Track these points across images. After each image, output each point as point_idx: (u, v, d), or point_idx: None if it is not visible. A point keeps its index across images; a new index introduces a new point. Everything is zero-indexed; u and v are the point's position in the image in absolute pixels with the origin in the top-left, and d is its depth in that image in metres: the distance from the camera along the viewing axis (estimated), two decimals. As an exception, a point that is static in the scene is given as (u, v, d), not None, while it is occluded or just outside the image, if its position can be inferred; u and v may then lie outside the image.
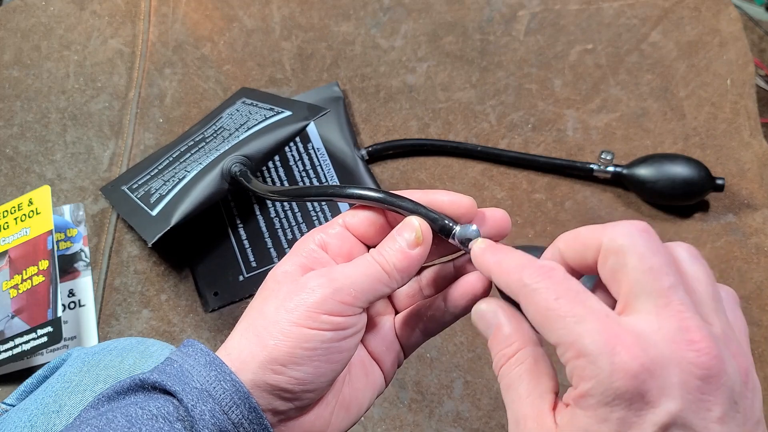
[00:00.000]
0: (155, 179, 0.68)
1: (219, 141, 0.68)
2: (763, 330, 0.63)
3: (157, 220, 0.63)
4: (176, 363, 0.36)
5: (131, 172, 0.72)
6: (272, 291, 0.36)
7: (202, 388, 0.34)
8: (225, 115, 0.72)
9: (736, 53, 0.75)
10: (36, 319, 0.62)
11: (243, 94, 0.75)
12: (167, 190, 0.65)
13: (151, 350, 0.50)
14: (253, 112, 0.70)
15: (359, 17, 0.80)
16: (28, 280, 0.64)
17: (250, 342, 0.35)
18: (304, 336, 0.34)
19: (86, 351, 0.51)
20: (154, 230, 0.62)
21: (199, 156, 0.67)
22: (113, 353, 0.50)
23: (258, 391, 0.35)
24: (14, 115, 0.77)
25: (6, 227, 0.68)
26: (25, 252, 0.66)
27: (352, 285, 0.35)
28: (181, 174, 0.66)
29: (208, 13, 0.81)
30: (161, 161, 0.71)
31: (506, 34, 0.79)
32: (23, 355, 0.61)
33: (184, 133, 0.75)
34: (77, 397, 0.47)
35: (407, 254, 0.36)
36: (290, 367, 0.35)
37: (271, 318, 0.35)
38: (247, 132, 0.66)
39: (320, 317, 0.35)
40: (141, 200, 0.67)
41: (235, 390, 0.34)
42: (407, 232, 0.37)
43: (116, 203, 0.70)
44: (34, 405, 0.47)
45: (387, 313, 0.41)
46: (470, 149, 0.72)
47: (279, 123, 0.66)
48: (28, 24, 0.82)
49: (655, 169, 0.67)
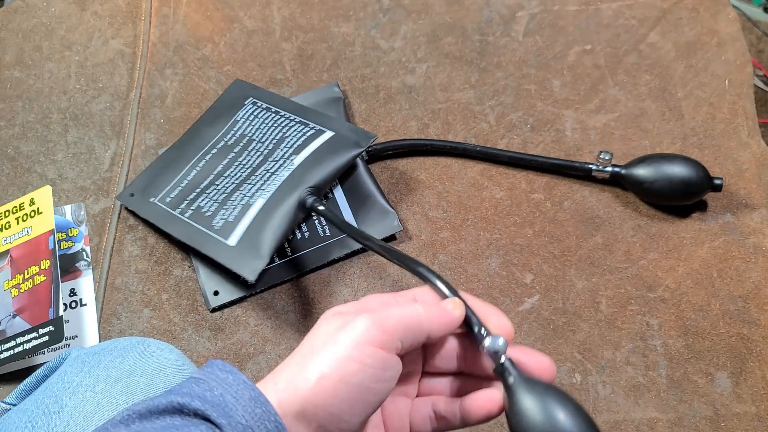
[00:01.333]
0: (202, 198, 0.68)
1: (260, 159, 0.69)
2: (761, 329, 0.64)
3: (243, 253, 0.63)
4: (216, 391, 0.36)
5: (148, 179, 0.71)
6: (319, 328, 0.39)
7: (247, 425, 0.35)
8: (241, 120, 0.73)
9: (734, 54, 0.76)
10: (37, 318, 0.63)
11: (244, 91, 0.75)
12: (233, 216, 0.65)
13: (151, 350, 0.51)
14: (284, 125, 0.71)
15: (359, 18, 0.81)
16: (29, 280, 0.65)
17: (297, 375, 0.37)
18: (350, 370, 0.36)
19: (86, 351, 0.51)
20: (250, 265, 0.62)
21: (251, 178, 0.68)
22: (113, 353, 0.50)
23: (301, 427, 0.36)
24: (16, 116, 0.77)
25: (8, 227, 0.68)
26: (27, 251, 0.66)
27: (391, 319, 0.38)
28: (239, 198, 0.66)
29: (209, 14, 0.82)
30: (190, 173, 0.70)
31: (505, 35, 0.79)
32: (25, 354, 0.62)
33: (191, 132, 0.74)
34: (78, 397, 0.47)
35: (446, 310, 0.40)
36: (330, 402, 0.36)
37: (319, 352, 0.37)
38: (298, 156, 0.68)
39: (365, 349, 0.37)
40: (196, 222, 0.66)
41: (277, 431, 0.35)
42: (449, 303, 0.41)
43: (154, 218, 0.69)
44: (34, 405, 0.47)
45: (409, 396, 0.43)
46: (469, 149, 0.72)
47: (332, 146, 0.68)
48: (30, 24, 0.82)
49: (654, 169, 0.67)
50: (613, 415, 0.61)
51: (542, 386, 0.39)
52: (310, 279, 0.68)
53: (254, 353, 0.66)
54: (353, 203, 0.70)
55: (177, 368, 0.50)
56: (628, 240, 0.68)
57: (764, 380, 0.62)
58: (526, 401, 0.39)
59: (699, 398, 0.62)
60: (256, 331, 0.66)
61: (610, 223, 0.69)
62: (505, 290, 0.67)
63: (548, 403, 0.39)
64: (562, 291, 0.67)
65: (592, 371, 0.63)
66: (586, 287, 0.67)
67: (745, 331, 0.64)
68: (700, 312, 0.65)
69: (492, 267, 0.68)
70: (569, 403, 0.39)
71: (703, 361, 0.63)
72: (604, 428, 0.61)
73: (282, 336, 0.66)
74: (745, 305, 0.65)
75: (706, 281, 0.66)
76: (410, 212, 0.71)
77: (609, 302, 0.66)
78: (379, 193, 0.70)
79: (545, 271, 0.68)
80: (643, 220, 0.69)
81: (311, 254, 0.69)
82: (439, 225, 0.70)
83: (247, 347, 0.66)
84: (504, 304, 0.66)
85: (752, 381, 0.62)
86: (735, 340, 0.64)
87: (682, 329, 0.64)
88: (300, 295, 0.68)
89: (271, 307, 0.67)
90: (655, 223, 0.69)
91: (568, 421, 0.38)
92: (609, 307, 0.66)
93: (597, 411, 0.62)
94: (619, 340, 0.64)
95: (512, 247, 0.69)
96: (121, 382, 0.48)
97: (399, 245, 0.69)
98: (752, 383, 0.62)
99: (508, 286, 0.67)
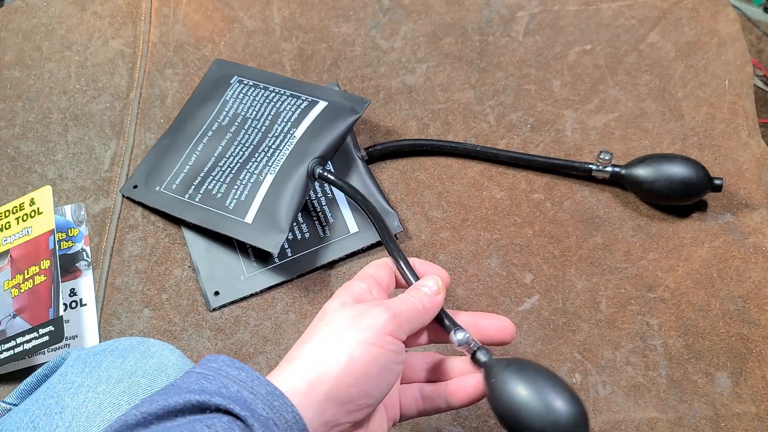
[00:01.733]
0: (209, 181, 0.69)
1: (259, 136, 0.71)
2: (761, 329, 0.64)
3: (262, 228, 0.65)
4: (232, 388, 0.38)
5: (147, 168, 0.72)
6: (334, 317, 0.43)
7: (268, 417, 0.37)
8: (231, 100, 0.74)
9: (734, 54, 0.76)
10: (37, 318, 0.63)
11: (227, 70, 0.77)
12: (245, 195, 0.67)
13: (152, 350, 0.51)
14: (276, 100, 0.73)
15: (359, 18, 0.81)
16: (29, 280, 0.65)
17: (324, 358, 0.41)
18: (376, 353, 0.41)
19: (87, 351, 0.51)
20: (272, 239, 0.65)
21: (255, 156, 0.69)
22: (114, 354, 0.50)
23: (330, 404, 0.40)
24: (16, 116, 0.77)
25: (8, 227, 0.68)
26: (27, 251, 0.66)
27: (402, 313, 0.44)
28: (247, 176, 0.68)
29: (209, 14, 0.82)
30: (191, 157, 0.71)
31: (505, 35, 0.79)
32: (25, 354, 0.62)
33: (181, 118, 0.75)
34: (80, 398, 0.47)
35: (433, 297, 0.46)
36: (362, 380, 0.41)
37: (344, 337, 0.41)
38: (298, 129, 0.70)
39: (386, 338, 0.42)
40: (208, 205, 0.68)
41: (295, 421, 0.38)
42: (430, 281, 0.47)
43: (166, 206, 0.70)
44: (35, 405, 0.47)
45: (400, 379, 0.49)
46: (469, 149, 0.72)
47: (328, 115, 0.70)
48: (30, 25, 0.82)
49: (654, 169, 0.67)
50: (613, 415, 0.62)
51: (516, 363, 0.44)
52: (310, 279, 0.68)
53: (254, 353, 0.66)
54: (353, 203, 0.70)
55: (178, 368, 0.50)
56: (628, 240, 0.68)
57: (764, 380, 0.62)
58: (504, 380, 0.44)
59: (699, 398, 0.62)
60: (256, 331, 0.66)
61: (610, 223, 0.69)
62: (505, 290, 0.67)
63: (525, 376, 0.43)
64: (562, 291, 0.67)
65: (592, 371, 0.63)
66: (586, 287, 0.67)
67: (745, 331, 0.64)
68: (700, 312, 0.65)
69: (492, 267, 0.68)
70: (543, 372, 0.44)
71: (703, 361, 0.63)
72: (604, 428, 0.61)
73: (282, 336, 0.66)
74: (745, 305, 0.65)
75: (706, 281, 0.66)
76: (410, 212, 0.71)
77: (609, 302, 0.66)
78: (379, 193, 0.70)
79: (545, 271, 0.68)
80: (643, 220, 0.69)
81: (311, 254, 0.69)
82: (439, 225, 0.70)
83: (247, 347, 0.66)
84: (504, 304, 0.66)
85: (752, 381, 0.62)
86: (735, 340, 0.64)
87: (682, 329, 0.64)
88: (300, 295, 0.68)
89: (271, 307, 0.67)
90: (655, 223, 0.69)
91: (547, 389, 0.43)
92: (609, 307, 0.66)
93: (597, 411, 0.62)
94: (619, 340, 0.64)
95: (512, 247, 0.69)
96: (123, 383, 0.48)
97: (399, 245, 0.69)
98: (752, 383, 0.62)
99: (508, 286, 0.67)
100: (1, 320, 0.64)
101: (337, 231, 0.69)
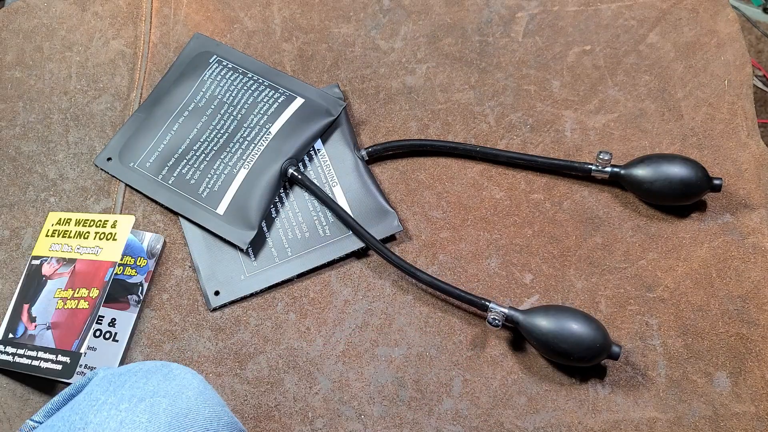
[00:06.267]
0: (183, 165, 0.71)
1: (234, 124, 0.72)
2: (760, 329, 0.64)
3: (232, 222, 0.68)
4: None
5: (121, 141, 0.74)
6: None
7: None
8: (209, 81, 0.75)
9: (733, 54, 0.76)
10: (63, 342, 0.63)
11: (207, 47, 0.78)
12: (218, 186, 0.69)
13: (174, 373, 0.52)
14: (253, 89, 0.74)
15: (359, 19, 0.81)
16: (76, 300, 0.65)
17: None
18: None
19: (112, 371, 0.53)
20: (241, 235, 0.67)
21: (229, 146, 0.71)
22: (138, 374, 0.52)
23: None
24: (17, 116, 0.77)
25: (86, 236, 0.68)
26: (88, 271, 0.66)
27: None
28: (221, 167, 0.70)
29: (209, 15, 0.82)
30: (165, 136, 0.73)
31: (505, 36, 0.79)
32: (33, 370, 0.62)
33: (157, 92, 0.76)
34: (102, 414, 0.48)
35: None
36: None
37: None
38: (273, 125, 0.71)
39: None
40: (182, 190, 0.70)
41: None
42: None
43: (138, 185, 0.71)
44: (61, 422, 0.50)
45: None
46: (469, 150, 0.72)
47: (304, 114, 0.72)
48: (30, 25, 0.82)
49: (653, 170, 0.67)
50: (613, 415, 0.62)
51: (542, 309, 0.62)
52: (310, 279, 0.69)
53: (254, 353, 0.66)
54: (353, 203, 0.70)
55: (198, 392, 0.51)
56: (627, 240, 0.69)
57: (763, 380, 0.62)
58: (539, 324, 0.61)
59: (698, 398, 0.62)
60: (256, 331, 0.67)
61: (610, 224, 0.69)
62: (504, 290, 0.67)
63: (554, 316, 0.61)
64: (561, 291, 0.67)
65: (592, 371, 0.63)
66: (585, 287, 0.67)
67: (744, 331, 0.64)
68: (700, 312, 0.65)
69: (492, 267, 0.68)
70: (567, 310, 0.62)
71: (703, 361, 0.63)
72: (603, 428, 0.61)
73: (282, 336, 0.66)
74: (744, 305, 0.65)
75: (706, 281, 0.66)
76: (410, 212, 0.71)
77: (608, 302, 0.66)
78: (379, 193, 0.71)
79: (545, 271, 0.68)
80: (642, 220, 0.69)
81: (311, 254, 0.69)
82: (438, 225, 0.70)
83: (247, 347, 0.66)
84: (504, 304, 0.66)
85: (751, 381, 0.62)
86: (734, 339, 0.64)
87: (681, 329, 0.65)
88: (300, 295, 0.68)
89: (271, 307, 0.68)
90: (654, 223, 0.69)
91: (572, 320, 0.61)
92: (608, 307, 0.66)
93: (596, 410, 0.62)
94: (618, 339, 0.64)
95: (512, 247, 0.69)
96: (145, 402, 0.49)
97: (399, 245, 0.70)
98: (751, 383, 0.62)
99: (508, 286, 0.67)
100: (38, 326, 0.64)
101: (337, 231, 0.70)
